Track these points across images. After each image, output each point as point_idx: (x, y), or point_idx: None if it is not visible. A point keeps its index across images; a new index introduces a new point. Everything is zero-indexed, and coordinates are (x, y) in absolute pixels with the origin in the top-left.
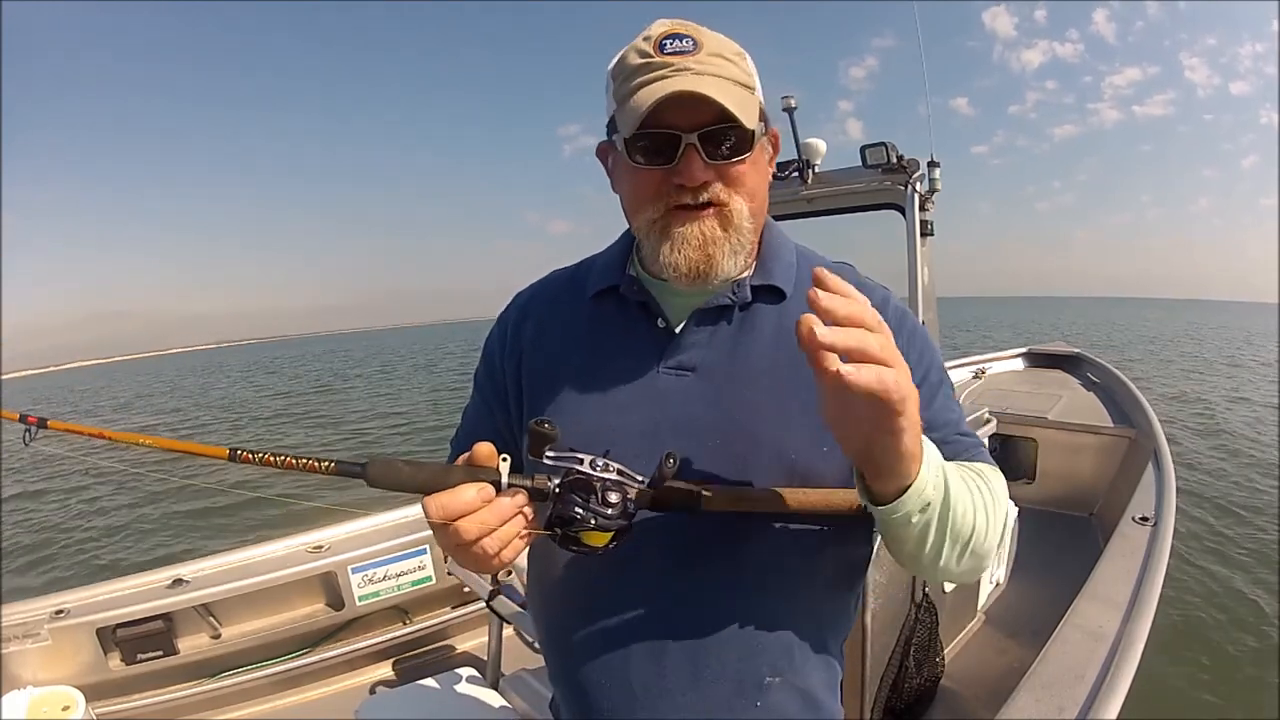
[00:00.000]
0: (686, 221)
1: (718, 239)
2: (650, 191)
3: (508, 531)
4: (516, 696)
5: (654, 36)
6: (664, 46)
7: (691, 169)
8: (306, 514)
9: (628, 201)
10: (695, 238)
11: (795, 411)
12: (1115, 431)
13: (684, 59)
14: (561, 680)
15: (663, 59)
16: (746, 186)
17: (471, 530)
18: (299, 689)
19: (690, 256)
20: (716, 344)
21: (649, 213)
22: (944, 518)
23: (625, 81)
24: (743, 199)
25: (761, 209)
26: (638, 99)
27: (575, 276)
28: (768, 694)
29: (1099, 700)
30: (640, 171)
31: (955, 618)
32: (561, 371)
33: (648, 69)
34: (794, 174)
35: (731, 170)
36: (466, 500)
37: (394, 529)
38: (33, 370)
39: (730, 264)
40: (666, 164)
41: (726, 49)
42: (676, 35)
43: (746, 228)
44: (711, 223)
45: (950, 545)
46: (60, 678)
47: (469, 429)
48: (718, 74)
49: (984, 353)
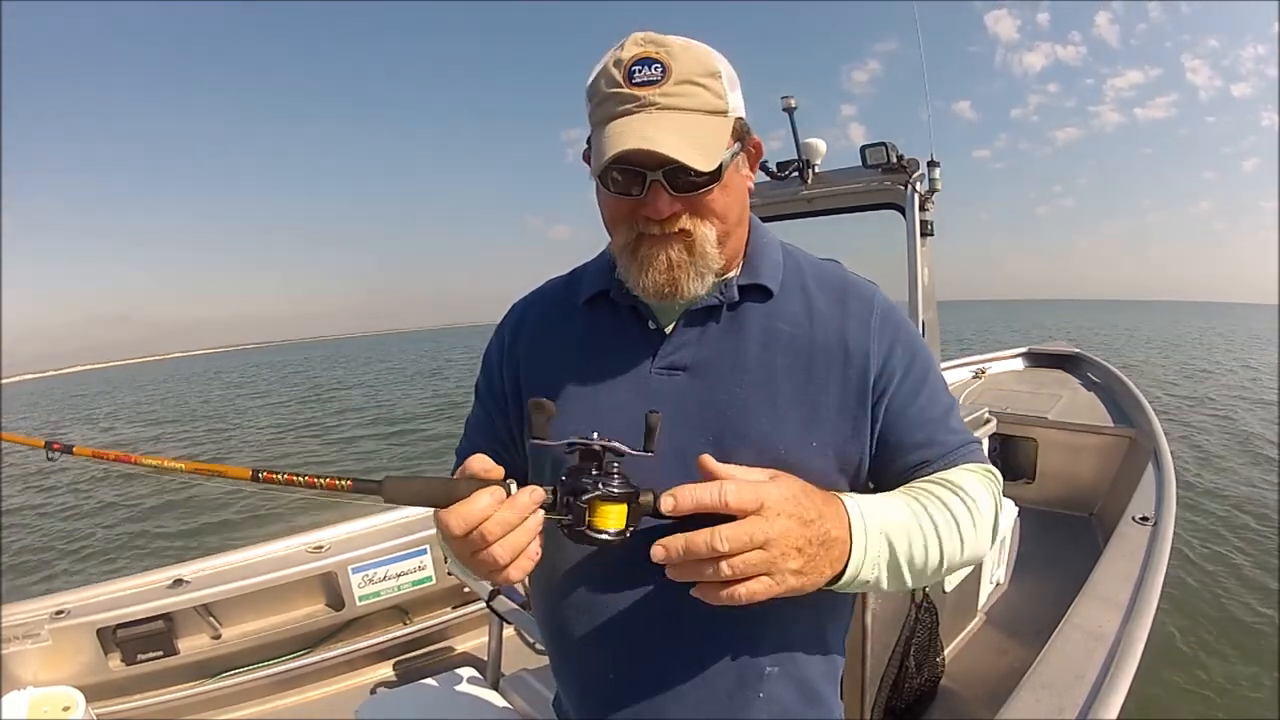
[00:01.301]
0: (654, 246)
1: (684, 264)
2: (622, 218)
3: (523, 537)
4: (517, 696)
5: (624, 61)
6: (633, 75)
7: (658, 204)
8: (307, 514)
9: (604, 219)
10: (662, 262)
11: (784, 407)
12: (1115, 431)
13: (651, 91)
14: (565, 675)
15: (630, 90)
16: (716, 212)
17: (495, 531)
18: (299, 689)
19: (657, 280)
20: (706, 343)
21: (621, 238)
22: (896, 574)
23: (597, 107)
24: (711, 224)
25: (737, 220)
26: (604, 139)
27: (569, 284)
28: (769, 684)
29: (1099, 700)
30: (611, 200)
31: (955, 618)
32: (557, 376)
33: (617, 100)
34: (794, 174)
35: (698, 201)
36: (483, 507)
37: (394, 529)
38: (30, 375)
39: (696, 285)
40: (636, 195)
41: (698, 71)
42: (646, 61)
43: (711, 253)
44: (679, 248)
45: (916, 580)
46: (60, 678)
47: (472, 438)
48: (684, 107)
49: (984, 353)
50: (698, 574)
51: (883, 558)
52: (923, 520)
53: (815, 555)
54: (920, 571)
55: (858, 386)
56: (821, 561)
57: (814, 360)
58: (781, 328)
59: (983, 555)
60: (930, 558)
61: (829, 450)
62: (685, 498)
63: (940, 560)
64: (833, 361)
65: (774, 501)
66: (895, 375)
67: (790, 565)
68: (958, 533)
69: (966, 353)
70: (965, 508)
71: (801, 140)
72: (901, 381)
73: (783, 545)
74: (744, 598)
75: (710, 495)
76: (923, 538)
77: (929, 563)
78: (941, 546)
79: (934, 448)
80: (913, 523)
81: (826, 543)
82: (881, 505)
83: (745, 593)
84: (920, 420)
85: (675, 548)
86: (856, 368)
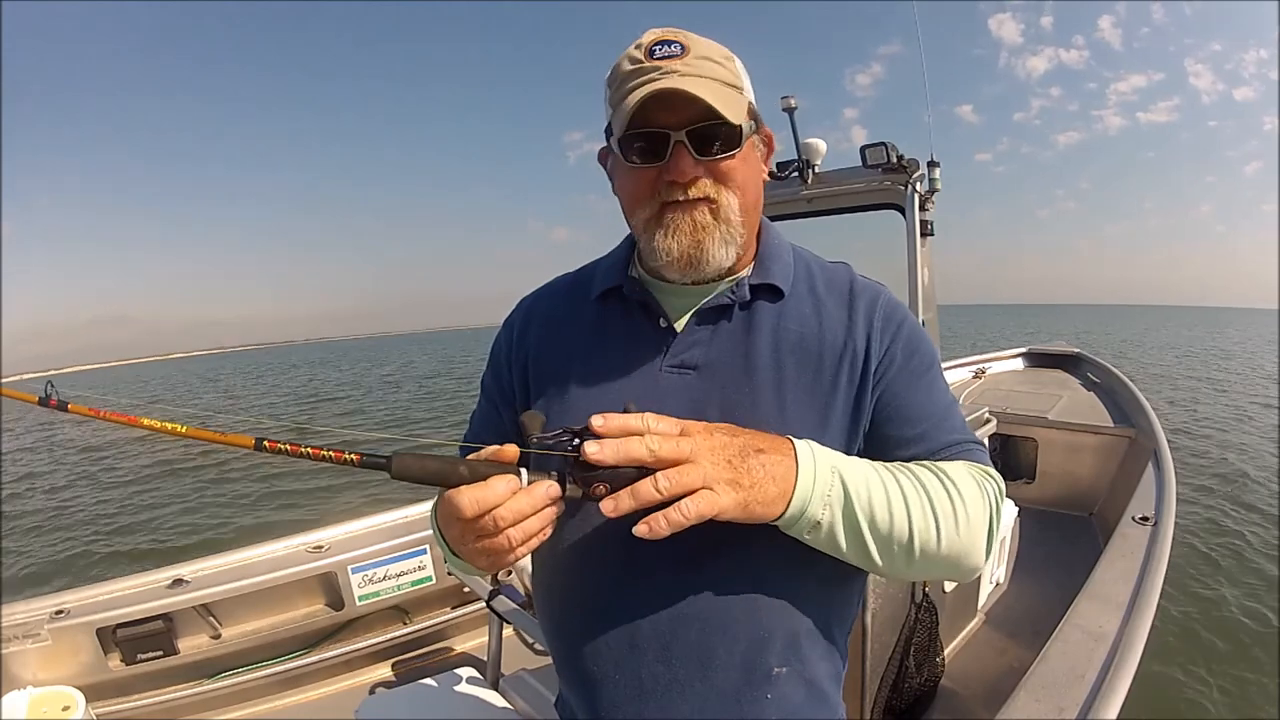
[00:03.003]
0: (679, 211)
1: (708, 226)
2: (645, 189)
3: (538, 523)
4: (516, 696)
5: (644, 44)
6: (653, 52)
7: (681, 165)
8: (307, 513)
9: (625, 201)
10: (687, 225)
11: (792, 409)
12: (1115, 431)
13: (672, 62)
14: (569, 675)
15: (652, 64)
16: (737, 181)
17: (508, 517)
18: (299, 689)
19: (682, 242)
20: (717, 343)
21: (644, 211)
22: (854, 529)
23: (618, 87)
24: (733, 193)
25: (754, 204)
26: (628, 100)
27: (579, 280)
28: (776, 684)
29: (1099, 700)
30: (635, 171)
31: (955, 618)
32: (566, 372)
33: (638, 73)
34: (794, 174)
35: (720, 166)
36: (499, 493)
37: (394, 529)
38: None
39: (721, 252)
40: (658, 162)
41: (714, 52)
42: (665, 41)
43: (736, 220)
44: (703, 211)
45: (882, 550)
46: (60, 678)
47: (476, 432)
48: (704, 75)
49: (984, 353)
50: (636, 499)
51: (835, 497)
52: (886, 480)
53: (750, 467)
54: (885, 538)
55: (861, 384)
56: (759, 473)
57: (823, 362)
58: (792, 329)
59: (969, 555)
60: (897, 525)
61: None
62: (611, 427)
63: (909, 534)
64: (841, 363)
65: (693, 425)
66: (894, 364)
67: (721, 474)
68: (931, 511)
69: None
70: (945, 492)
71: (801, 140)
72: (900, 371)
73: (712, 456)
74: (690, 514)
75: (635, 422)
76: (885, 495)
77: (895, 530)
78: (909, 516)
79: (927, 442)
80: (874, 477)
81: (759, 454)
82: (834, 451)
83: (692, 509)
84: (917, 415)
85: (609, 448)
86: (860, 365)
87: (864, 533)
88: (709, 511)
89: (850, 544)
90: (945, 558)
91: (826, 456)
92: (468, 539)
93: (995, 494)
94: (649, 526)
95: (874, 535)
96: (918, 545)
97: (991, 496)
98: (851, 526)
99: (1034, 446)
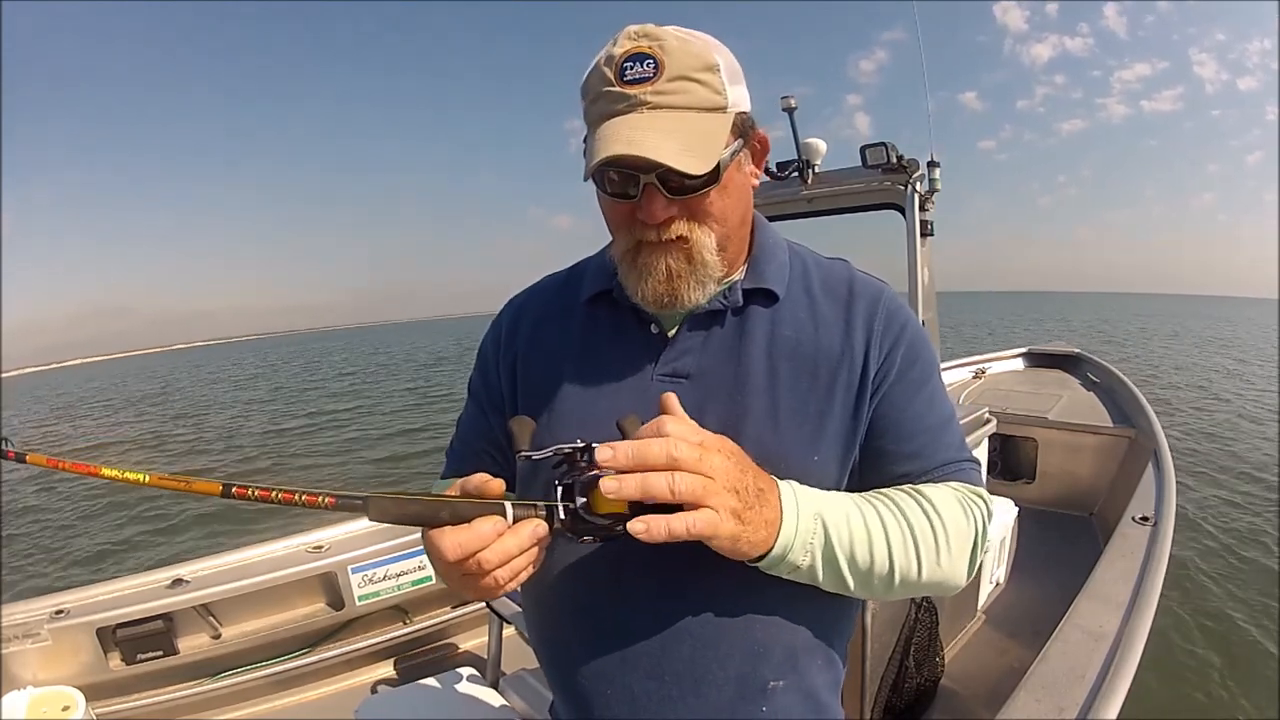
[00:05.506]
0: (653, 254)
1: (683, 272)
2: (620, 222)
3: (524, 561)
4: (516, 696)
5: (616, 59)
6: (624, 73)
7: (652, 208)
8: (306, 513)
9: (606, 223)
10: (661, 272)
11: (786, 419)
12: (1115, 431)
13: (642, 89)
14: (561, 688)
15: (621, 89)
16: (714, 215)
17: (493, 560)
18: (299, 689)
19: (657, 289)
20: (709, 350)
21: (621, 244)
22: (834, 569)
23: (590, 106)
24: (709, 230)
25: (738, 225)
26: (594, 142)
27: (569, 280)
28: (772, 698)
29: (1099, 700)
30: (609, 202)
31: (955, 618)
32: (556, 377)
33: (608, 99)
34: (794, 174)
35: (695, 203)
36: (483, 536)
37: (394, 529)
38: (34, 368)
39: (697, 294)
40: (631, 199)
41: (693, 66)
42: (638, 57)
43: (712, 261)
44: (678, 256)
45: (861, 585)
46: (60, 678)
47: (464, 437)
48: (677, 105)
49: (984, 352)
50: (645, 489)
51: (816, 543)
52: (869, 515)
53: (751, 504)
54: (865, 575)
55: (859, 393)
56: (756, 514)
57: (818, 368)
58: (787, 334)
59: (950, 580)
60: (877, 561)
61: (832, 464)
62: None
63: (890, 569)
64: (837, 371)
65: (711, 440)
66: (893, 372)
67: (729, 502)
68: (913, 543)
69: (972, 351)
70: (929, 522)
71: (801, 140)
72: (899, 381)
73: (722, 478)
74: (692, 528)
75: (651, 428)
76: (866, 533)
77: (875, 566)
78: (890, 552)
79: (921, 461)
80: (855, 516)
81: (760, 495)
82: (817, 492)
83: (696, 524)
84: (914, 428)
85: (625, 450)
86: (858, 373)
87: (843, 571)
88: (707, 532)
89: (828, 579)
90: (925, 585)
91: (809, 502)
92: (453, 578)
93: (981, 518)
94: (646, 526)
95: (853, 572)
96: (897, 577)
97: (977, 521)
98: (831, 566)
99: (1034, 446)
